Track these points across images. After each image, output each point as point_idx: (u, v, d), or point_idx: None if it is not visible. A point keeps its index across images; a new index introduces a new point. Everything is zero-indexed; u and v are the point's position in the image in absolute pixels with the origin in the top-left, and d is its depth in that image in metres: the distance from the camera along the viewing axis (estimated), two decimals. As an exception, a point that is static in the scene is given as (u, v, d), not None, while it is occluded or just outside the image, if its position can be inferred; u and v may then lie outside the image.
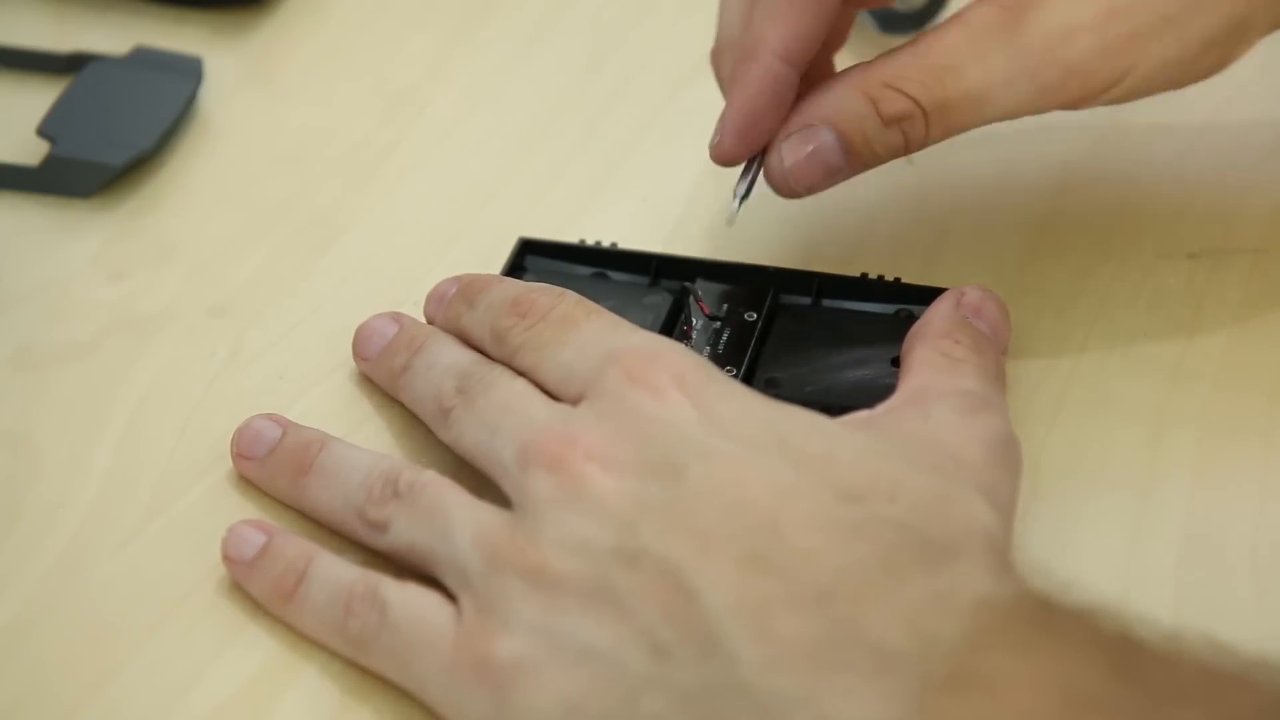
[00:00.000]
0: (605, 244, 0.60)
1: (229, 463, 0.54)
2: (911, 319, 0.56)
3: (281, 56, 0.71)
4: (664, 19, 0.73)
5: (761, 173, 0.56)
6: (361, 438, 0.55)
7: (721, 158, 0.56)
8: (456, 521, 0.48)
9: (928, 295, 0.56)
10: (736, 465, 0.46)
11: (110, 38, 0.70)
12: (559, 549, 0.46)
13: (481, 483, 0.50)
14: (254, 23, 0.72)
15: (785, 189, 0.56)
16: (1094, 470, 0.54)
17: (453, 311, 0.55)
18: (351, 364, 0.57)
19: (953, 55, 0.54)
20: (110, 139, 0.64)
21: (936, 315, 0.54)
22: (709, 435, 0.47)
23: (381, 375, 0.56)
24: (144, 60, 0.68)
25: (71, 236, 0.63)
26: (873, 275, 0.58)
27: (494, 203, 0.65)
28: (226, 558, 0.51)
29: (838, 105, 0.54)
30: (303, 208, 0.64)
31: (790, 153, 0.55)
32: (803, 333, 0.57)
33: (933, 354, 0.52)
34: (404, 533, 0.50)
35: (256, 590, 0.50)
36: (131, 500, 0.53)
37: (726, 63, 0.58)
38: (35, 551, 0.52)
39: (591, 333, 0.51)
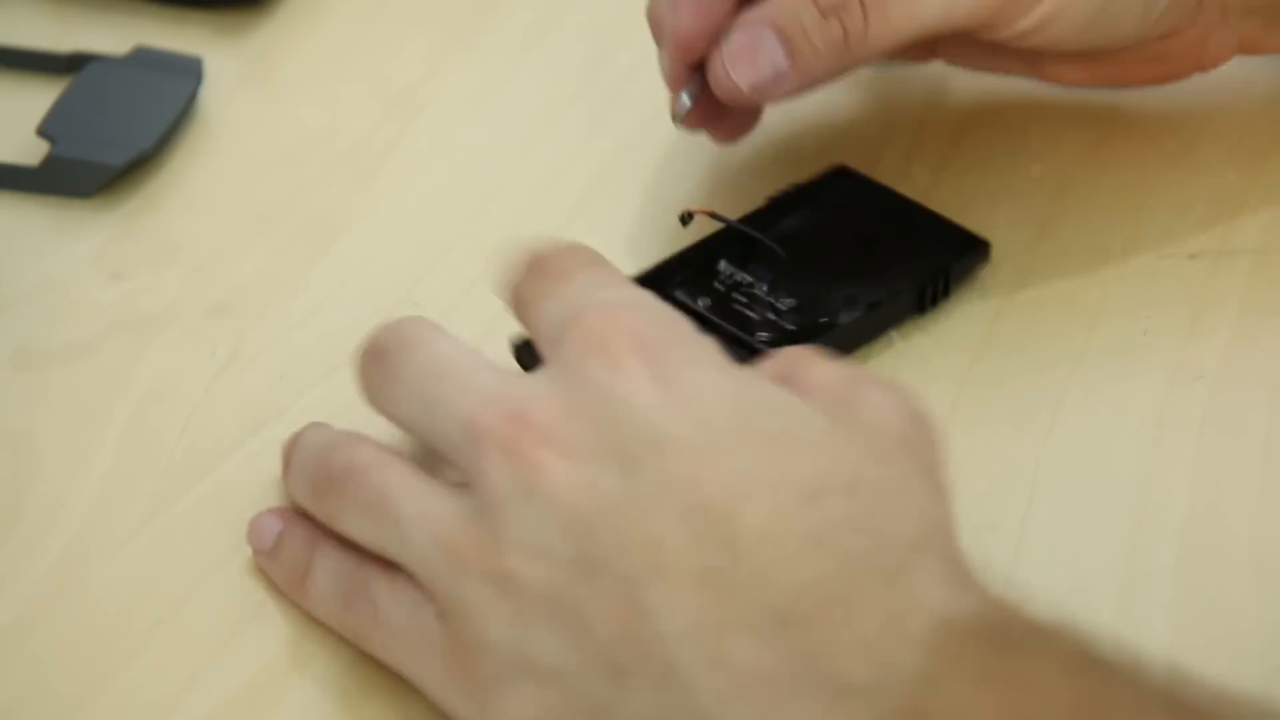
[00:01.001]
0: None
1: (229, 462, 0.54)
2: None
3: (281, 56, 0.71)
4: (664, 19, 0.73)
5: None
6: (362, 438, 0.55)
7: (679, 32, 0.57)
8: (408, 517, 0.46)
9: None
10: (692, 459, 0.44)
11: (110, 38, 0.70)
12: (522, 552, 0.44)
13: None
14: (254, 23, 0.72)
15: (729, 87, 0.57)
16: (1094, 470, 0.54)
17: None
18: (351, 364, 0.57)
19: None
20: (110, 139, 0.64)
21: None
22: (665, 417, 0.45)
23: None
24: (144, 60, 0.68)
25: (71, 236, 0.63)
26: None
27: (494, 203, 0.65)
28: (253, 547, 0.51)
29: (776, 5, 0.57)
30: (303, 208, 0.64)
31: (729, 47, 0.57)
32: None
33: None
34: (355, 526, 0.48)
35: (276, 578, 0.50)
36: (131, 500, 0.53)
37: None
38: (35, 551, 0.52)
39: (580, 285, 0.49)
